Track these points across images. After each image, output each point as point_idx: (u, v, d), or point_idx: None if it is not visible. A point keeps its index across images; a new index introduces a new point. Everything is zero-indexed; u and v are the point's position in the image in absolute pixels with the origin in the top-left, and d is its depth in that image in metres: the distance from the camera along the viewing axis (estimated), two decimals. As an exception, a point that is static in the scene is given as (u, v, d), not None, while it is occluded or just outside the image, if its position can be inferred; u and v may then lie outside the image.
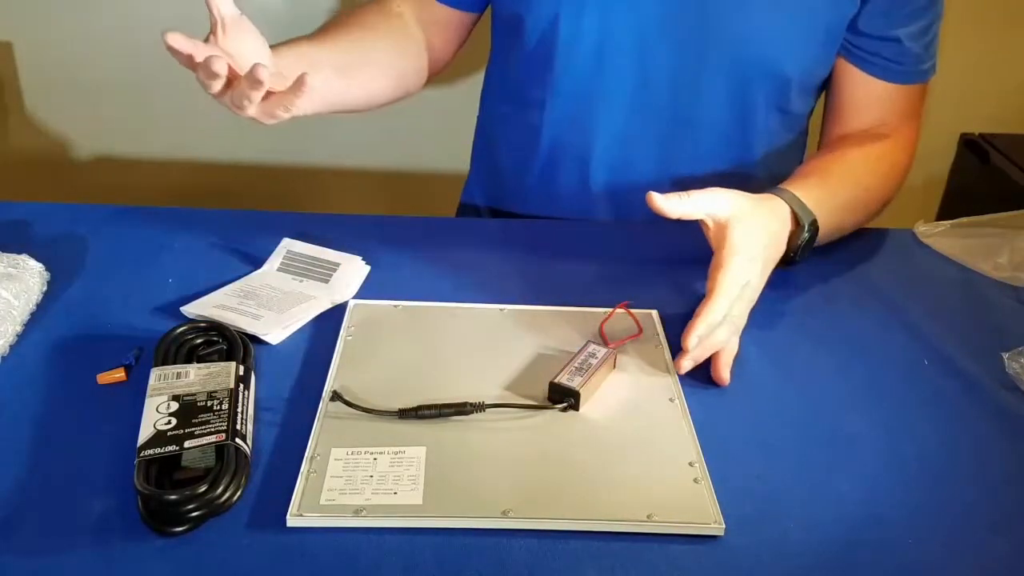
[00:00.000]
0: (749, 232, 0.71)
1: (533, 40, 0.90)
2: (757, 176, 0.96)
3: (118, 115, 1.47)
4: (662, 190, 0.95)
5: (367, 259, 0.79)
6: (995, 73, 1.57)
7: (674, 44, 0.87)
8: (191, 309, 0.70)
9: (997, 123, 1.57)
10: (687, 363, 0.67)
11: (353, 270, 0.78)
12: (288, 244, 0.80)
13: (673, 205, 0.69)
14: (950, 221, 0.92)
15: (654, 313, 0.75)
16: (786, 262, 0.78)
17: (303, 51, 0.76)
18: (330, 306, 0.74)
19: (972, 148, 1.51)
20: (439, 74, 0.98)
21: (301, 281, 0.76)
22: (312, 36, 0.81)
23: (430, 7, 0.93)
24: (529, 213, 1.00)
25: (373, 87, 0.85)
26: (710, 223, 0.71)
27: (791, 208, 0.77)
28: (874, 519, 0.56)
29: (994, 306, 0.82)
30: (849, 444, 0.63)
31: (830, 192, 0.82)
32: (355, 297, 0.76)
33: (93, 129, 1.49)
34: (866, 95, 0.91)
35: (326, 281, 0.76)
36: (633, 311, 0.74)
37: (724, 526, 0.54)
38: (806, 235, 0.78)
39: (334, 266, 0.78)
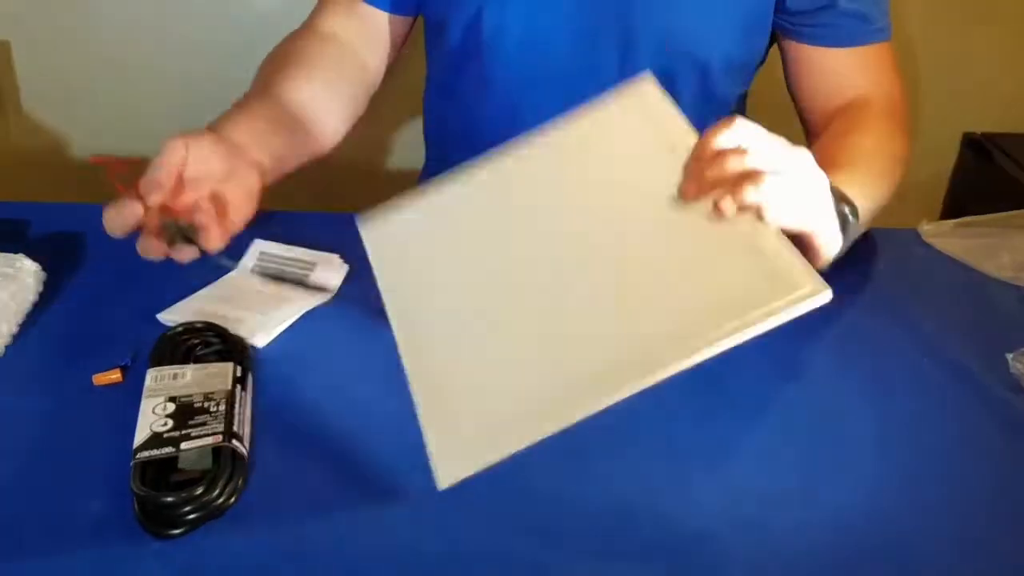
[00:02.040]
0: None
1: (459, 36, 0.90)
2: None
3: (117, 115, 1.47)
4: None
5: (344, 257, 0.78)
6: (998, 73, 1.57)
7: (597, 34, 0.87)
8: (169, 316, 0.70)
9: (1000, 123, 1.57)
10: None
11: (331, 269, 0.77)
12: (260, 245, 0.79)
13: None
14: (953, 221, 0.92)
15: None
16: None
17: (257, 127, 0.75)
18: (313, 306, 0.73)
19: (975, 148, 1.51)
20: (378, 87, 0.97)
21: (277, 283, 0.76)
22: (262, 96, 0.80)
23: (360, 17, 0.92)
24: None
25: (328, 131, 0.86)
26: None
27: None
28: (875, 519, 0.56)
29: (998, 306, 0.82)
30: (851, 444, 0.62)
31: (862, 178, 0.75)
32: (338, 291, 0.75)
33: (92, 129, 1.49)
34: (827, 69, 0.90)
35: (303, 281, 0.76)
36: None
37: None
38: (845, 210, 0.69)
39: (310, 266, 0.77)
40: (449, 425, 0.52)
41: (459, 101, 0.96)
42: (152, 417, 0.56)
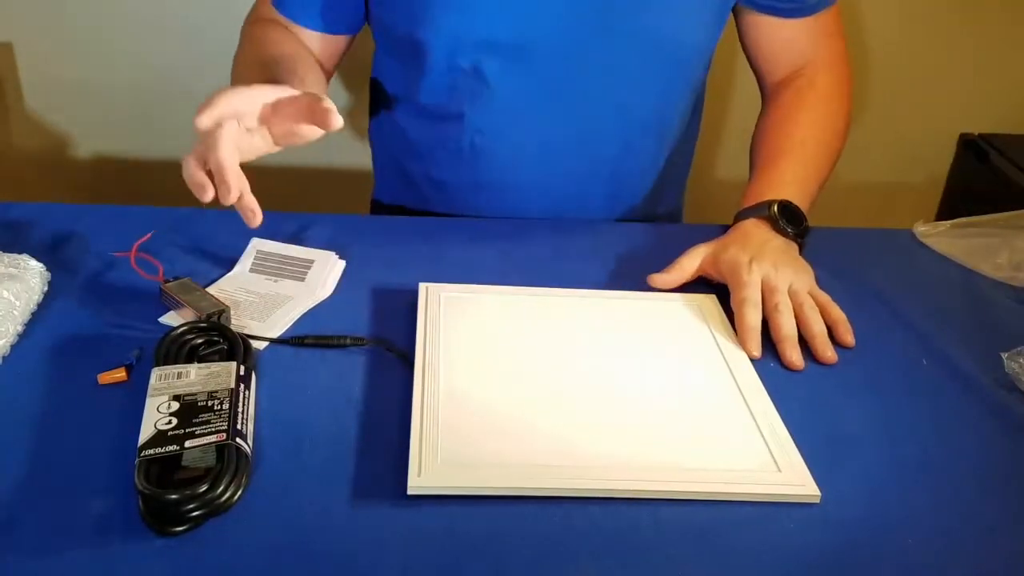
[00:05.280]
0: (733, 251, 0.79)
1: (444, 59, 0.88)
2: (670, 140, 1.00)
3: (118, 115, 1.47)
4: (591, 179, 0.97)
5: (340, 255, 0.79)
6: (994, 73, 1.57)
7: (587, 39, 0.87)
8: (169, 319, 0.70)
9: (996, 123, 1.58)
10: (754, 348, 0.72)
11: (328, 266, 0.78)
12: (257, 244, 0.80)
13: (670, 279, 0.79)
14: (949, 221, 0.92)
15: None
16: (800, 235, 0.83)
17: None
18: (312, 305, 0.74)
19: (971, 148, 1.52)
20: None
21: (276, 281, 0.76)
22: (287, 68, 0.81)
23: (301, 33, 0.92)
24: (456, 213, 0.98)
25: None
26: (710, 270, 0.80)
27: (751, 220, 0.83)
28: (874, 519, 0.56)
29: (993, 306, 0.82)
30: (848, 444, 0.63)
31: (787, 178, 0.88)
32: (336, 289, 0.76)
33: (93, 129, 1.49)
34: (782, 37, 0.96)
35: (302, 279, 0.76)
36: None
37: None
38: (775, 210, 0.83)
39: (308, 263, 0.78)
40: (430, 449, 0.58)
41: (434, 118, 0.94)
42: (156, 415, 0.57)
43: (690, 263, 0.80)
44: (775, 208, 0.82)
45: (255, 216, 0.67)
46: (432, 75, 0.90)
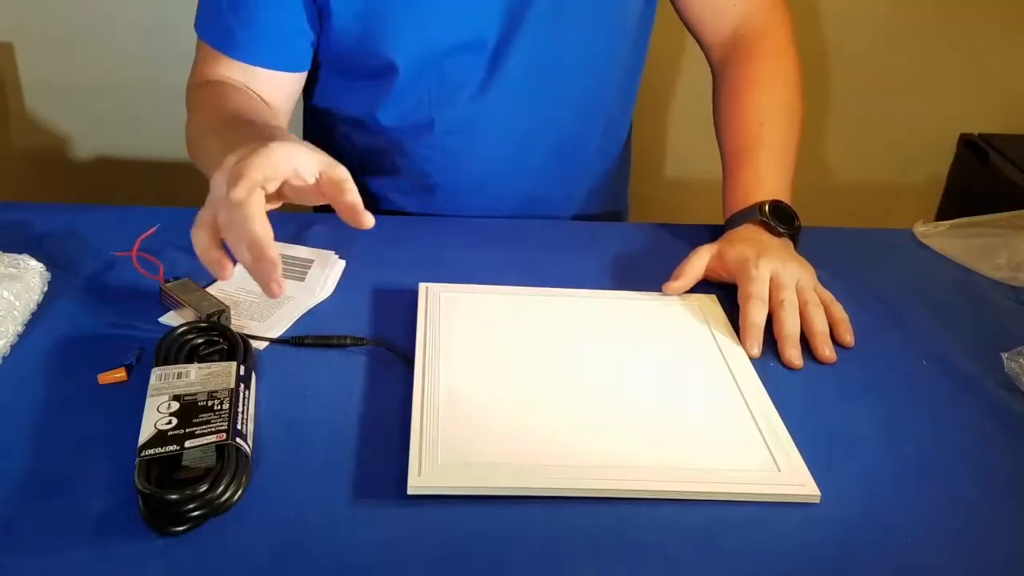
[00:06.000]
0: (740, 247, 0.79)
1: (412, 72, 0.87)
2: (627, 117, 1.03)
3: (118, 115, 1.47)
4: (558, 165, 0.97)
5: (340, 255, 0.80)
6: (994, 74, 1.57)
7: (536, 16, 0.86)
8: (169, 319, 0.70)
9: (996, 124, 1.58)
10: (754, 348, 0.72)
11: (328, 266, 0.78)
12: None
13: (682, 284, 0.79)
14: (949, 221, 0.92)
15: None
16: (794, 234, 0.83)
17: None
18: (312, 305, 0.74)
19: (971, 148, 1.52)
20: None
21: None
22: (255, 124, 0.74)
23: (257, 78, 0.86)
24: (433, 213, 0.97)
25: None
26: (718, 269, 0.80)
27: (745, 225, 0.83)
28: (873, 519, 0.56)
29: (993, 306, 0.82)
30: (848, 443, 0.63)
31: (758, 175, 0.87)
32: (336, 288, 0.76)
33: (93, 129, 1.49)
34: None
35: (302, 279, 0.76)
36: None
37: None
38: (767, 211, 0.83)
39: (308, 263, 0.78)
40: (430, 449, 0.58)
41: (402, 131, 0.93)
42: (157, 415, 0.57)
43: (699, 263, 0.80)
44: (767, 210, 0.82)
45: (280, 288, 0.59)
46: (400, 90, 0.89)
